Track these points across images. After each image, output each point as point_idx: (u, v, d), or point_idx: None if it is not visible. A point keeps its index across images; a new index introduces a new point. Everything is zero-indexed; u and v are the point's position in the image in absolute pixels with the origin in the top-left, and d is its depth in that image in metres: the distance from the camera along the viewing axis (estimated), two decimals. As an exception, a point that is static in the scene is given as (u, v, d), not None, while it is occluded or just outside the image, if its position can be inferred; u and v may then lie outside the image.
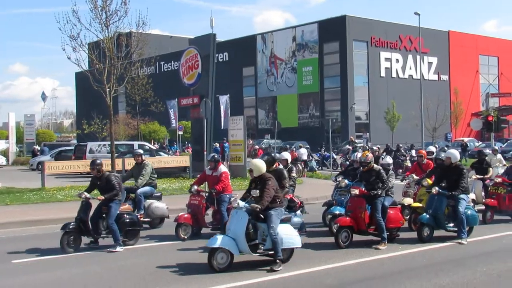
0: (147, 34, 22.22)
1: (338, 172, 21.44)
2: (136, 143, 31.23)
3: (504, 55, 72.02)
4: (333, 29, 58.77)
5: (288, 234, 9.38)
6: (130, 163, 22.92)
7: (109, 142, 26.20)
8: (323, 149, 36.99)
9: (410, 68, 63.05)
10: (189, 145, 42.16)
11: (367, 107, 60.23)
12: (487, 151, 21.29)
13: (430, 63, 64.47)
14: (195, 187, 12.35)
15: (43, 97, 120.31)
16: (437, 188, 11.55)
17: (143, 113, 52.14)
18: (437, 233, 11.59)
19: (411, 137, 47.89)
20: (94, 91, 21.68)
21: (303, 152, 29.62)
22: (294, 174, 13.71)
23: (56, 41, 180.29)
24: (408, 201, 13.96)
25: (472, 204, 15.72)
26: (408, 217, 13.03)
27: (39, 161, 31.61)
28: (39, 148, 43.03)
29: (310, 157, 30.41)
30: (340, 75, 58.91)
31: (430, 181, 12.63)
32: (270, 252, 9.20)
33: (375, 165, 11.59)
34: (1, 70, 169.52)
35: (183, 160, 26.17)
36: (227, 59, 67.47)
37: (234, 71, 65.96)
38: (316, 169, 31.10)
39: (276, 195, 9.49)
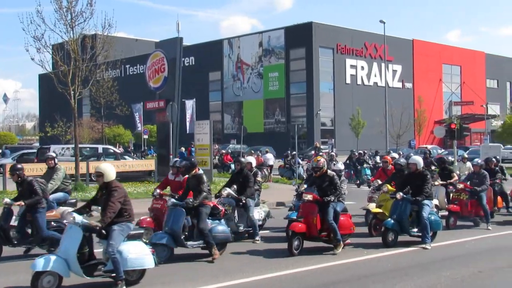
0: (113, 36, 22.00)
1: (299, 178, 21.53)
2: (100, 146, 30.87)
3: (466, 65, 73.48)
4: (300, 35, 59.12)
5: (136, 253, 8.28)
6: (94, 166, 22.76)
7: (72, 145, 25.81)
8: (289, 155, 36.94)
9: (375, 76, 63.77)
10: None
11: (333, 114, 60.69)
12: (451, 158, 21.66)
13: (394, 71, 65.40)
14: (158, 191, 12.11)
15: (5, 99, 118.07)
16: (401, 194, 11.62)
17: (108, 116, 51.58)
18: (401, 238, 11.66)
19: (376, 143, 48.35)
20: (58, 93, 21.39)
21: (269, 157, 29.65)
22: (259, 179, 13.76)
23: (18, 42, 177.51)
24: (373, 206, 14.08)
25: (435, 209, 15.99)
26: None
27: (1, 163, 30.94)
28: (0, 151, 42.18)
29: (298, 164, 29.63)
30: (306, 81, 59.25)
31: (390, 187, 12.79)
32: (112, 274, 8.09)
33: (328, 171, 11.49)
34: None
35: (148, 164, 25.91)
36: (193, 63, 67.29)
37: (200, 75, 65.79)
38: (304, 176, 30.42)
39: (124, 207, 8.34)
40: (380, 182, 14.69)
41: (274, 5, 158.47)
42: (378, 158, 28.76)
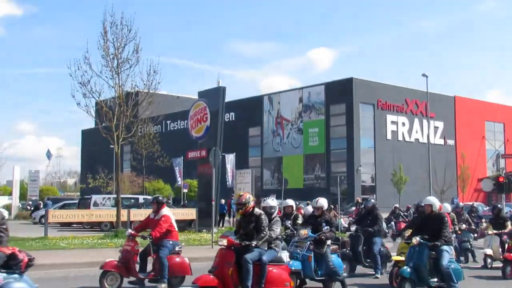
0: (155, 93, 22.30)
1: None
2: (141, 197, 30.87)
3: (510, 122, 72.19)
4: (340, 91, 59.10)
5: None
6: (134, 214, 22.67)
7: (114, 195, 25.86)
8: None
9: (417, 132, 63.06)
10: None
11: (373, 170, 59.89)
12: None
13: (436, 127, 64.52)
14: (130, 230, 11.39)
15: (48, 154, 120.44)
16: (418, 238, 10.67)
17: (148, 170, 51.92)
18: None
19: (418, 200, 47.26)
20: (99, 148, 21.90)
21: (310, 210, 29.08)
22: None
23: (62, 100, 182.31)
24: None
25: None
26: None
27: (42, 214, 31.13)
28: (42, 203, 42.57)
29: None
30: (346, 137, 58.85)
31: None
32: None
33: (256, 209, 9.73)
34: (8, 128, 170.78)
35: (190, 213, 25.72)
36: (233, 119, 67.70)
37: (240, 131, 66.11)
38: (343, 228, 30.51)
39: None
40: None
41: (313, 65, 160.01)
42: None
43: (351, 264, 14.31)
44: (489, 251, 15.95)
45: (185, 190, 48.36)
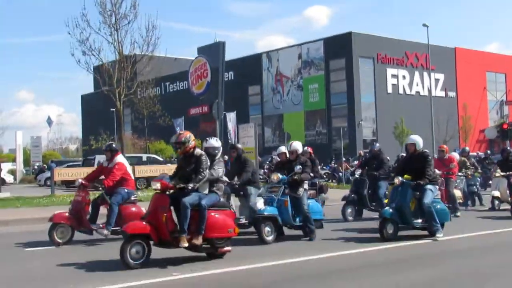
0: (153, 55, 22.10)
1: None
2: (144, 155, 30.90)
3: (511, 72, 71.70)
4: (339, 46, 58.58)
5: None
6: (139, 170, 22.69)
7: (117, 155, 25.83)
8: (333, 162, 36.65)
9: (417, 85, 62.71)
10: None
11: (375, 124, 59.79)
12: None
13: (437, 80, 64.07)
14: (80, 180, 10.73)
15: (49, 121, 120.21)
16: (400, 178, 10.39)
17: (150, 129, 51.85)
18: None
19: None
20: (99, 112, 21.84)
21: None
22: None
23: (61, 68, 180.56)
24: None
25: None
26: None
27: (47, 176, 31.18)
28: (46, 166, 42.67)
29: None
30: (346, 92, 58.59)
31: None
32: None
33: (197, 150, 8.98)
34: (7, 97, 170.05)
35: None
36: (232, 78, 67.26)
37: (240, 90, 65.75)
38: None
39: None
40: (437, 171, 14.26)
41: (310, 24, 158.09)
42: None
43: (357, 209, 14.44)
44: (496, 193, 16.05)
45: (188, 150, 48.26)
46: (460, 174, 16.85)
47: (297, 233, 11.06)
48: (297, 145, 11.21)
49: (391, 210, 10.22)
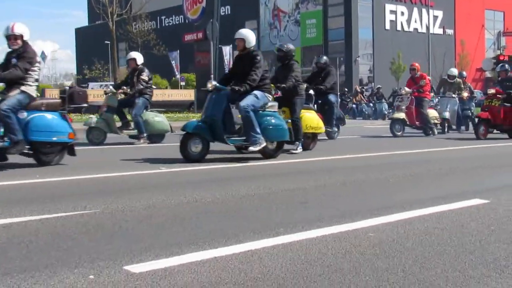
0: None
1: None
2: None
3: (510, 10, 70.75)
4: (338, -20, 57.57)
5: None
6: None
7: (111, 83, 25.61)
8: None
9: (416, 21, 61.98)
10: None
11: (372, 60, 59.36)
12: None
13: (435, 17, 63.24)
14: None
15: (43, 56, 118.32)
16: (213, 83, 8.85)
17: (145, 63, 51.21)
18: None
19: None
20: (94, 45, 21.41)
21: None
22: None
23: (54, 5, 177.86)
24: (401, 115, 14.39)
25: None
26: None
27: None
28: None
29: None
30: (344, 28, 57.88)
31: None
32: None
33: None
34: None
35: (188, 94, 25.67)
36: (229, 12, 66.23)
37: (237, 25, 64.61)
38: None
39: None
40: (407, 89, 14.68)
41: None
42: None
43: None
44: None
45: (183, 83, 48.02)
46: (454, 95, 16.84)
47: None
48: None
49: (196, 123, 8.73)
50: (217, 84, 8.87)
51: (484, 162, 9.78)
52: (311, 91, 12.70)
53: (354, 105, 32.87)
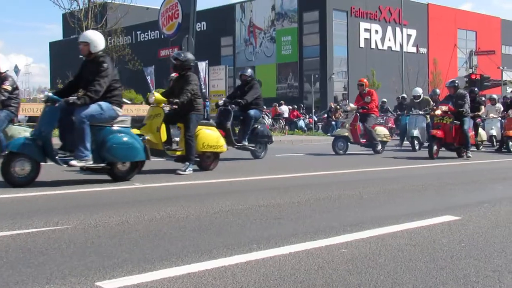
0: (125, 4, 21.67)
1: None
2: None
3: (482, 30, 72.12)
4: (313, -2, 58.13)
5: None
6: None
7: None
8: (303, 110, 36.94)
9: (389, 40, 62.74)
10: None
11: (346, 78, 59.92)
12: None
13: (409, 35, 64.13)
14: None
15: (16, 70, 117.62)
16: (46, 93, 7.96)
17: (120, 76, 50.95)
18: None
19: (391, 105, 47.72)
20: (68, 60, 21.19)
21: (284, 110, 29.36)
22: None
23: (29, 18, 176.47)
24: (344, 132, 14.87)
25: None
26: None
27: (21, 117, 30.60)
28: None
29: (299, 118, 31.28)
30: (319, 45, 58.37)
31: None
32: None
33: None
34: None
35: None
36: (205, 28, 66.44)
37: (212, 41, 65.00)
38: (305, 129, 31.43)
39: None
40: (352, 106, 14.85)
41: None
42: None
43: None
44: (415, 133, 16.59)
45: (158, 99, 47.79)
46: (421, 112, 17.03)
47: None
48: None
49: (24, 140, 7.55)
50: (50, 95, 7.75)
51: (455, 179, 9.90)
52: (229, 106, 12.28)
53: (334, 122, 33.10)
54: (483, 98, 21.97)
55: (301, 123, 33.09)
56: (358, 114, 14.93)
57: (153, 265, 3.71)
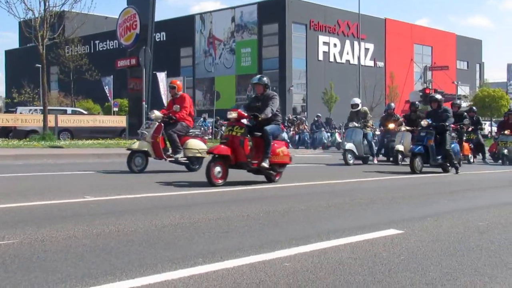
0: (82, 13, 21.53)
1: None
2: (69, 108, 30.19)
3: (437, 46, 73.82)
4: (272, 11, 58.63)
5: None
6: (61, 119, 22.20)
7: (40, 107, 25.12)
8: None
9: (348, 53, 63.70)
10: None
11: (305, 90, 60.50)
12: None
13: (367, 49, 65.32)
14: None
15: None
16: None
17: (77, 88, 50.55)
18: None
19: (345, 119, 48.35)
20: (24, 68, 21.04)
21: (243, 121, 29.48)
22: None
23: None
24: None
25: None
26: None
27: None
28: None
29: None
30: (278, 58, 58.88)
31: None
32: None
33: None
34: None
35: (120, 120, 25.41)
36: (164, 38, 66.35)
37: (172, 51, 64.92)
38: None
39: None
40: (157, 113, 12.51)
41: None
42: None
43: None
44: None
45: (116, 109, 47.47)
46: (358, 125, 17.07)
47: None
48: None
49: None
50: None
51: (404, 192, 10.13)
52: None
53: (297, 135, 33.38)
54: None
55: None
56: (163, 124, 12.28)
57: (96, 280, 3.75)
